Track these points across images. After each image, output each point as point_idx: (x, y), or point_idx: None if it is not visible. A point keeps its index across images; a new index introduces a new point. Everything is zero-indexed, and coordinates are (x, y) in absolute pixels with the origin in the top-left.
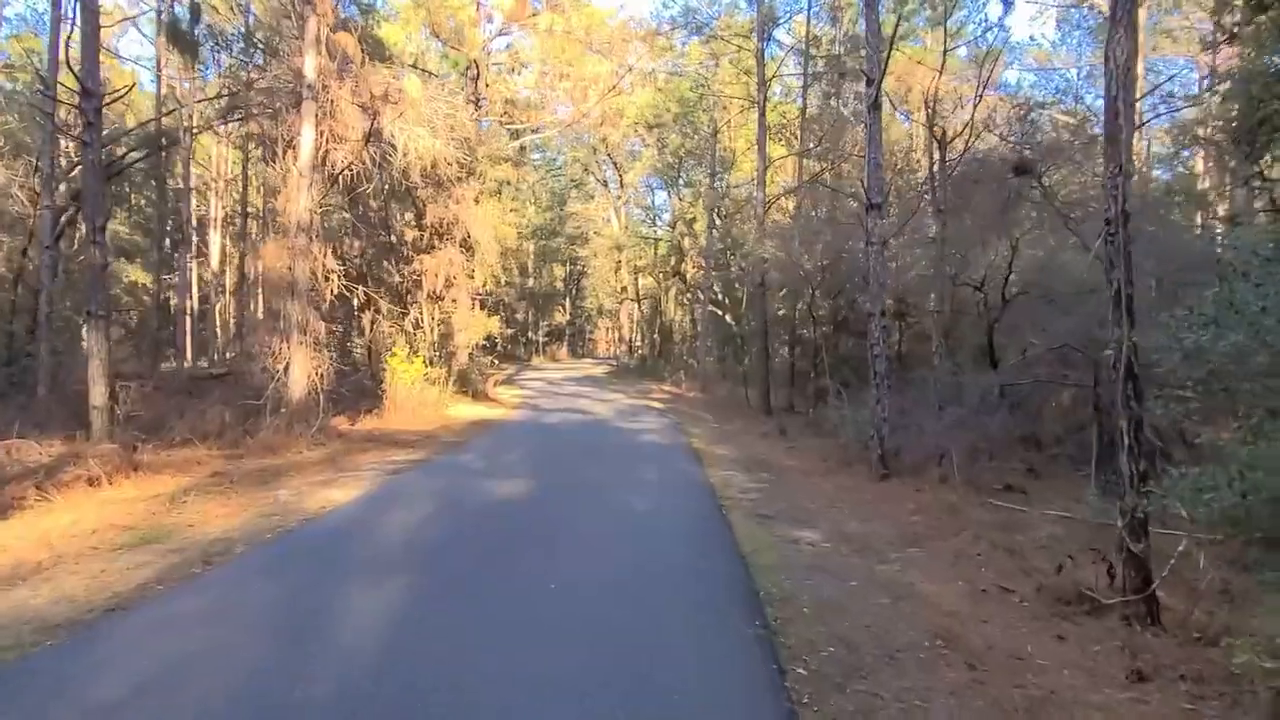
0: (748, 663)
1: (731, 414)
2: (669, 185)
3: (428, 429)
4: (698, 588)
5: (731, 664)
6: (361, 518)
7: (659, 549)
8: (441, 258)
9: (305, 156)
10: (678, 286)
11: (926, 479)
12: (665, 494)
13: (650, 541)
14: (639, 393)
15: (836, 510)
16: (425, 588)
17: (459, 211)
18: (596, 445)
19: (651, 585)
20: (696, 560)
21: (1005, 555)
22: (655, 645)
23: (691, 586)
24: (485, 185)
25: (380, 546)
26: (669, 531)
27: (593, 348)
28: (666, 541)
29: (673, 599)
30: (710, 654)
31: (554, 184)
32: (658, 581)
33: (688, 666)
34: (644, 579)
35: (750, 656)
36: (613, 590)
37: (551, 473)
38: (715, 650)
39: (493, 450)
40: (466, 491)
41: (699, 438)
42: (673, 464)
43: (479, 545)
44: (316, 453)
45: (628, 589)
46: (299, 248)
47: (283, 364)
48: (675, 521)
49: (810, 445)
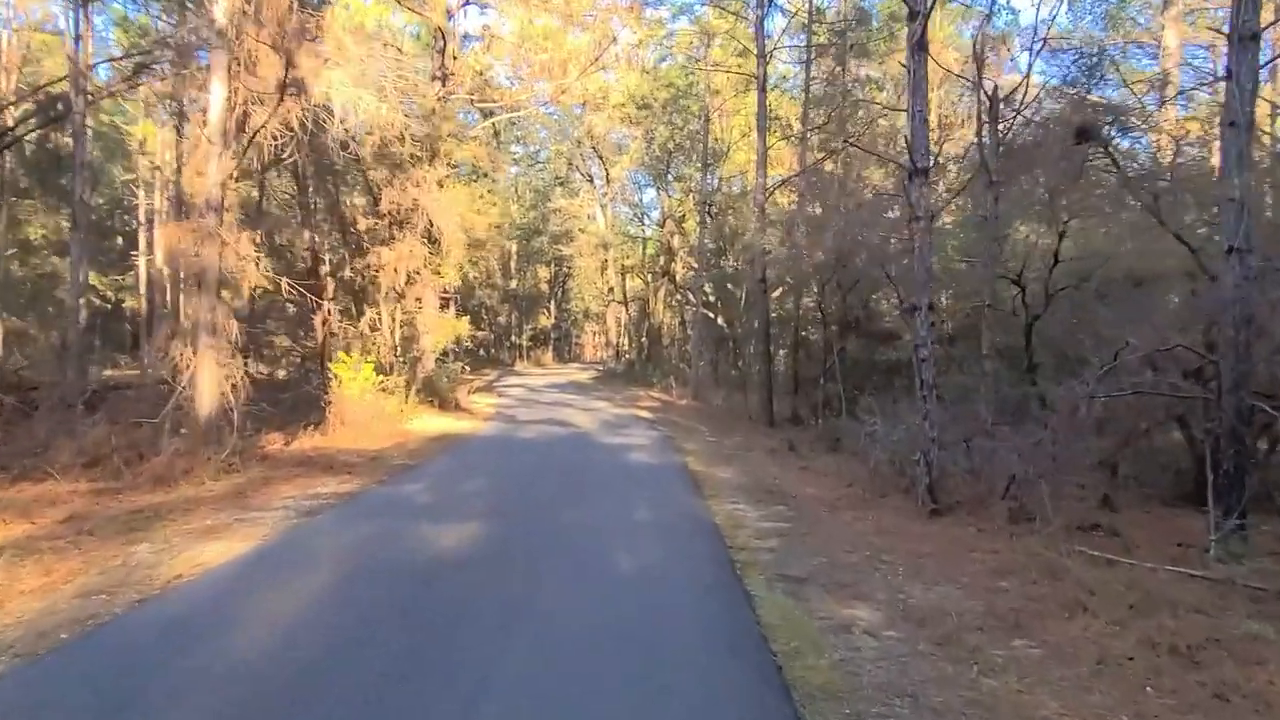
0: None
1: (729, 425)
2: (657, 181)
3: (377, 448)
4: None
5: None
6: (227, 594)
7: (654, 651)
8: (401, 250)
9: (215, 118)
10: (667, 288)
11: (987, 516)
12: (658, 543)
13: (641, 636)
14: (626, 400)
15: (888, 566)
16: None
17: (420, 197)
18: (575, 468)
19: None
20: (711, 678)
21: (1173, 660)
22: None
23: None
24: (452, 169)
25: (222, 661)
26: (668, 614)
27: (579, 352)
28: (665, 634)
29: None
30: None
31: (537, 181)
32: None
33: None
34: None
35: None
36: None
37: (514, 512)
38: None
39: (447, 477)
40: (393, 545)
41: (695, 456)
42: (666, 494)
43: (383, 657)
44: (223, 484)
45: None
46: (206, 230)
47: (188, 373)
48: (675, 596)
49: (827, 465)
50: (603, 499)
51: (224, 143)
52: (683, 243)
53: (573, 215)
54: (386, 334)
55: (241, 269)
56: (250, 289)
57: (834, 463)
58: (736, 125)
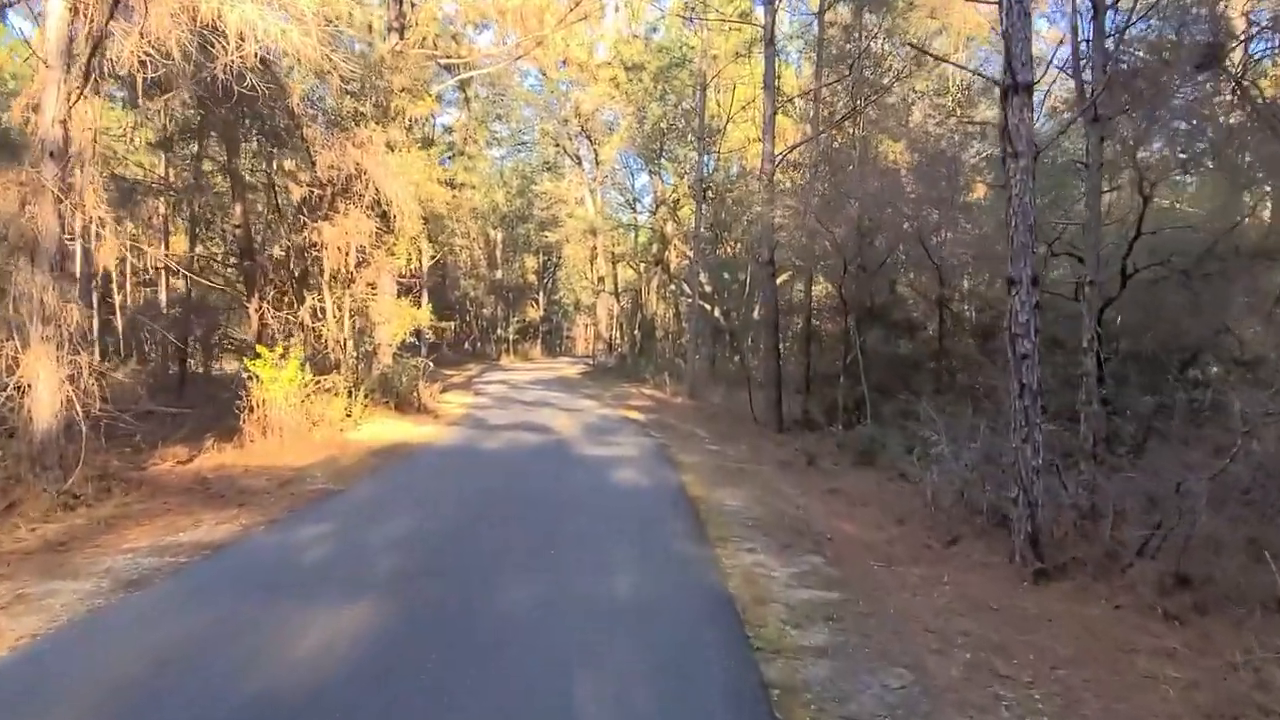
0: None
1: (731, 429)
2: (650, 164)
3: (300, 464)
4: None
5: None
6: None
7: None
8: (345, 225)
9: (53, 34)
10: (660, 278)
11: (1123, 583)
12: (649, 644)
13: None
14: (616, 399)
15: (1016, 695)
16: None
17: (364, 161)
18: (543, 498)
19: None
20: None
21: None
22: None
23: None
24: (408, 131)
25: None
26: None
27: (571, 346)
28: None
29: None
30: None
31: (524, 166)
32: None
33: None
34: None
35: None
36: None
37: (447, 577)
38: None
39: (367, 514)
40: (212, 662)
41: (695, 473)
42: (660, 538)
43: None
44: (55, 526)
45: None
46: (38, 184)
47: (16, 375)
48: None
49: (859, 487)
50: (571, 550)
51: (64, 65)
52: (677, 230)
53: (559, 199)
54: (332, 324)
55: (96, 234)
56: (108, 263)
57: (867, 483)
58: (736, 99)
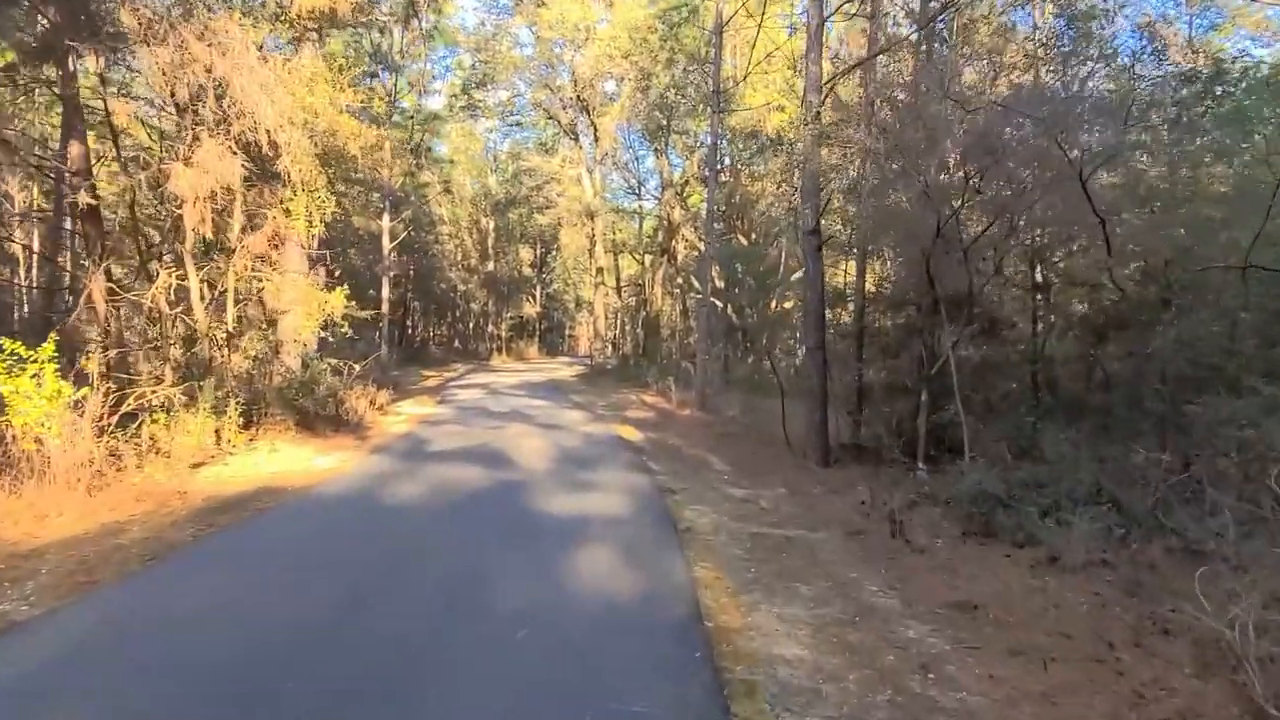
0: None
1: (757, 457)
2: (655, 141)
3: (84, 530)
4: None
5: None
6: None
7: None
8: (205, 166)
9: None
10: (666, 270)
11: None
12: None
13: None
14: (610, 410)
15: None
16: None
17: (224, 69)
18: (417, 646)
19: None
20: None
21: None
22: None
23: None
24: (317, 41)
25: None
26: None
27: (573, 345)
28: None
29: None
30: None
31: (518, 146)
32: None
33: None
34: None
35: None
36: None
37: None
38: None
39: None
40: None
41: (715, 558)
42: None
43: None
44: None
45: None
46: None
47: None
48: None
49: (1008, 594)
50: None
51: None
52: (685, 216)
53: (553, 176)
54: (199, 311)
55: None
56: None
57: (1015, 582)
58: (757, 51)
